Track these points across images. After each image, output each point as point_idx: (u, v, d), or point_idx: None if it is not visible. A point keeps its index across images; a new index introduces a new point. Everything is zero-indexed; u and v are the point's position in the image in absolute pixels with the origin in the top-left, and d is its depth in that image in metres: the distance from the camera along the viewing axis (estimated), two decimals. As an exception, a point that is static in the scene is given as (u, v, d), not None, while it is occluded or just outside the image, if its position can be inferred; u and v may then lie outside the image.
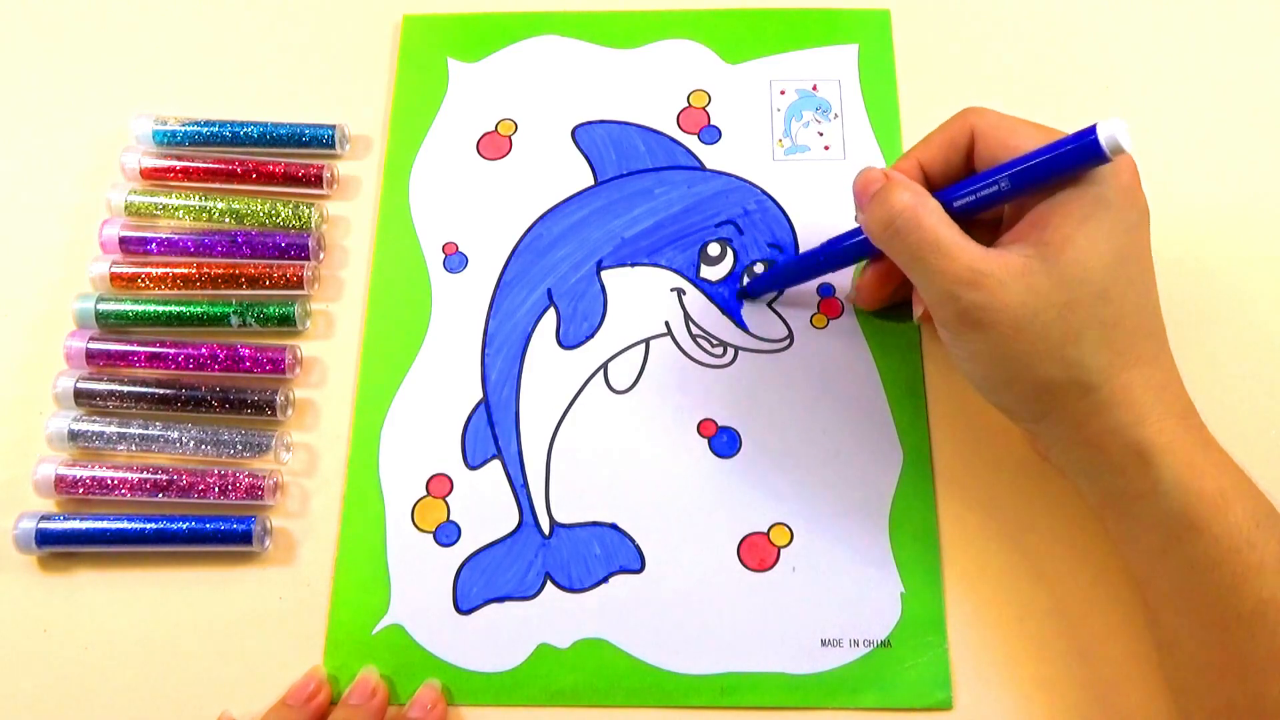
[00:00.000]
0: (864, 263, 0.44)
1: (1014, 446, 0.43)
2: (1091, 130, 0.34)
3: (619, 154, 0.49)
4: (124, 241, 0.47)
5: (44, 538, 0.42)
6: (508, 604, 0.42)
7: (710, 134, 0.49)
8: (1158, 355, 0.37)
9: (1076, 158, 0.35)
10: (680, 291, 0.47)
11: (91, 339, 0.45)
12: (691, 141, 0.49)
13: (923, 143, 0.40)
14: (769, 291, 0.46)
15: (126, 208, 0.48)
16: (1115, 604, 0.41)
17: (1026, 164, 0.36)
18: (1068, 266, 0.35)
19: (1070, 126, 0.49)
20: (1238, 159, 0.49)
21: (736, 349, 0.46)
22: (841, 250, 0.42)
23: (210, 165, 0.48)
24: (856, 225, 0.41)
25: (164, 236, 0.47)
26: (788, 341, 0.46)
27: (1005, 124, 0.38)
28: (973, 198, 0.37)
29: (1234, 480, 0.35)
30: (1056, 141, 0.36)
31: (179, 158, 0.48)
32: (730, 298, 0.46)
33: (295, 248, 0.47)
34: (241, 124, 0.49)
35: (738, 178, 0.49)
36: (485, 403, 0.45)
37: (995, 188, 0.37)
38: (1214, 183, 0.48)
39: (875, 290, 0.43)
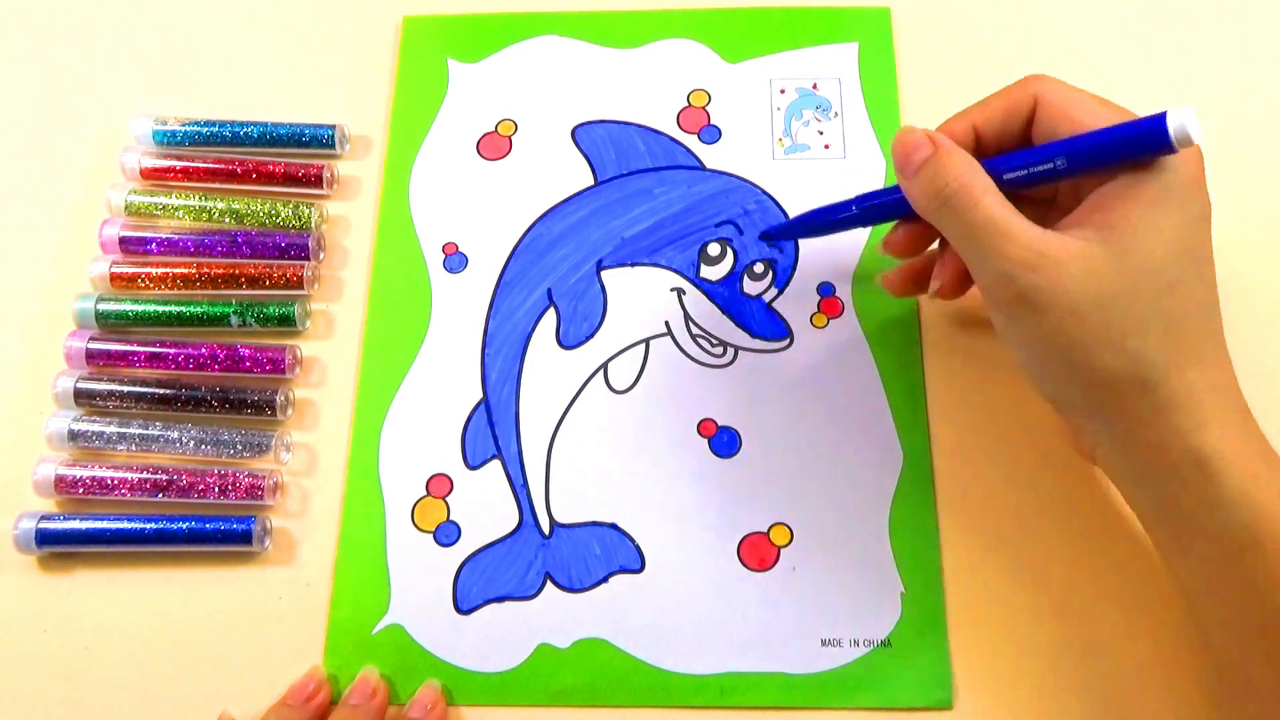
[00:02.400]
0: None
1: (1015, 446, 0.43)
2: (1161, 118, 0.32)
3: (619, 154, 0.49)
4: (124, 241, 0.47)
5: (44, 538, 0.42)
6: (508, 604, 0.42)
7: (710, 133, 0.49)
8: (1218, 356, 0.35)
9: (1141, 145, 0.33)
10: (680, 291, 0.47)
11: (91, 339, 0.45)
12: (691, 141, 0.49)
13: (980, 105, 0.38)
14: (791, 237, 0.46)
15: (126, 208, 0.48)
16: (1116, 603, 0.41)
17: (1086, 145, 0.34)
18: (1133, 254, 0.33)
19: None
20: (1240, 158, 0.48)
21: (736, 349, 0.45)
22: (877, 207, 0.40)
23: (210, 165, 0.48)
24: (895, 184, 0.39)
25: (164, 236, 0.47)
26: (788, 341, 0.46)
27: (1072, 96, 0.36)
28: (1025, 173, 0.35)
29: None
30: (1120, 125, 0.34)
31: (179, 158, 0.48)
32: (730, 298, 0.46)
33: (295, 248, 0.47)
34: (241, 124, 0.49)
35: (738, 177, 0.48)
36: (485, 403, 0.45)
37: (1050, 165, 0.35)
38: (1214, 181, 0.48)
39: (906, 248, 0.41)
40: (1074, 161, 0.34)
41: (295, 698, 0.40)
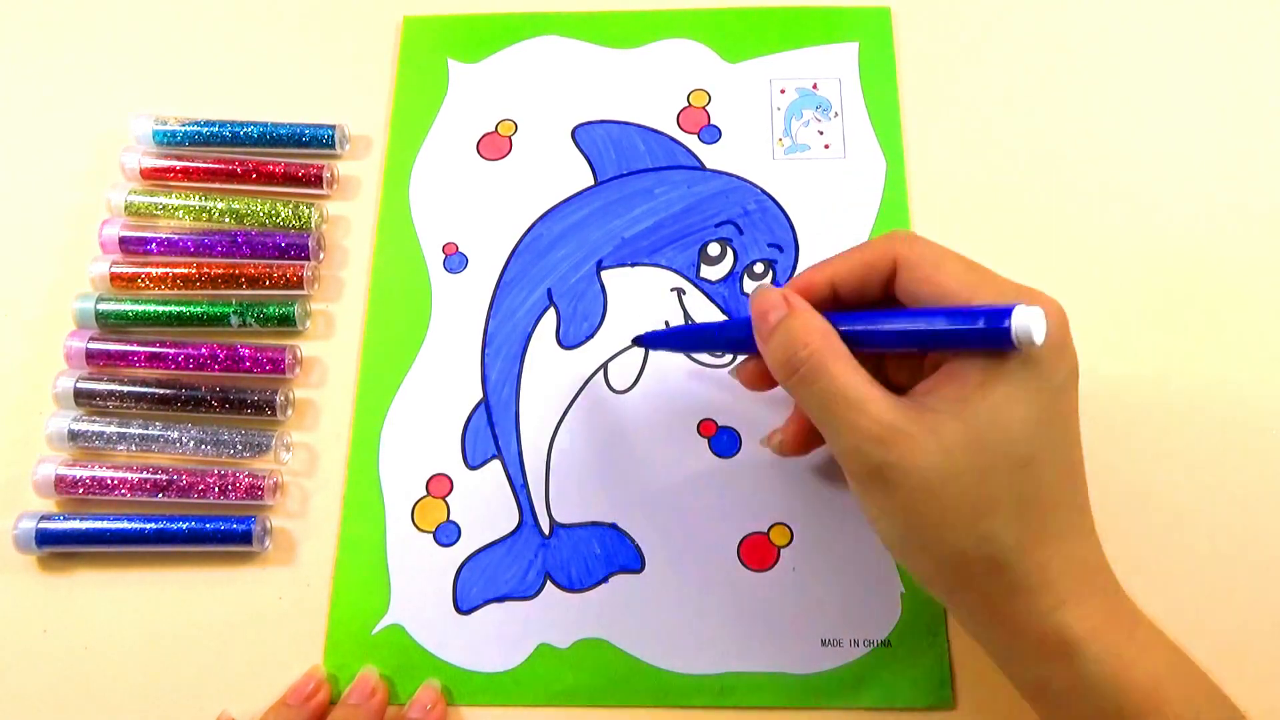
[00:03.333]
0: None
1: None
2: (1005, 314, 0.30)
3: (619, 154, 0.49)
4: (124, 241, 0.47)
5: (44, 538, 0.42)
6: (508, 604, 0.42)
7: (710, 133, 0.49)
8: (1079, 526, 0.34)
9: (982, 340, 0.31)
10: (680, 291, 0.47)
11: (91, 339, 0.45)
12: (691, 141, 0.49)
13: (840, 258, 0.36)
14: (665, 349, 0.45)
15: (126, 208, 0.48)
16: (1115, 604, 0.41)
17: (930, 328, 0.32)
18: (985, 430, 0.31)
19: (1068, 126, 0.49)
20: (1236, 159, 0.48)
21: (736, 349, 0.46)
22: (743, 340, 0.37)
23: (210, 165, 0.48)
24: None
25: (164, 236, 0.47)
26: (788, 341, 0.45)
27: (931, 256, 0.34)
28: (878, 350, 0.34)
29: (1168, 663, 0.33)
30: (966, 311, 0.32)
31: (179, 158, 0.48)
32: (731, 298, 0.46)
33: (295, 248, 0.47)
34: (241, 124, 0.49)
35: (738, 177, 0.49)
36: (485, 403, 0.45)
37: (903, 348, 0.34)
38: (1212, 182, 0.48)
39: (757, 381, 0.40)
40: (925, 346, 0.33)
41: (295, 697, 0.40)
